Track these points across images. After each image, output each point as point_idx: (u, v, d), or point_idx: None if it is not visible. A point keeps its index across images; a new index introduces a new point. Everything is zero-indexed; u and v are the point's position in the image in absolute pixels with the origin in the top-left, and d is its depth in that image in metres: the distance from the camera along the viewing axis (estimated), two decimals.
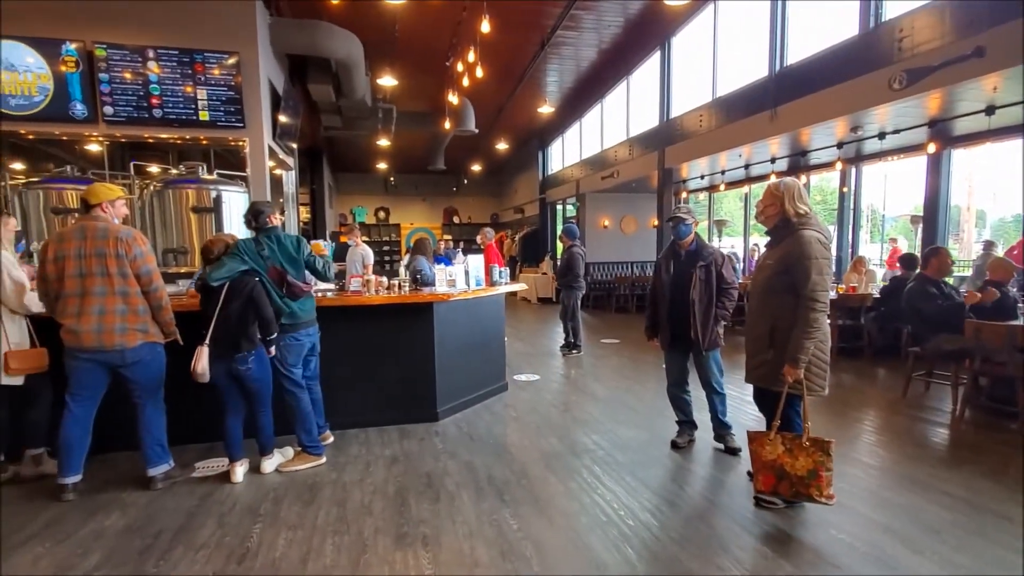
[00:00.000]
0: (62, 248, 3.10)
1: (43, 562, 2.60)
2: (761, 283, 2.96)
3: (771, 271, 2.87)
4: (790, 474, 2.79)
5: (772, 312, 2.86)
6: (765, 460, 2.86)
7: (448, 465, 3.72)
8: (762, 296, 2.94)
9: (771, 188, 2.94)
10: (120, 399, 3.33)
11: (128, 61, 5.79)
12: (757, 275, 3.05)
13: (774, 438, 2.83)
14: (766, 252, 3.04)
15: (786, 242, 2.83)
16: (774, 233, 2.95)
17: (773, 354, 2.85)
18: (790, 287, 2.78)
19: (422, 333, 4.48)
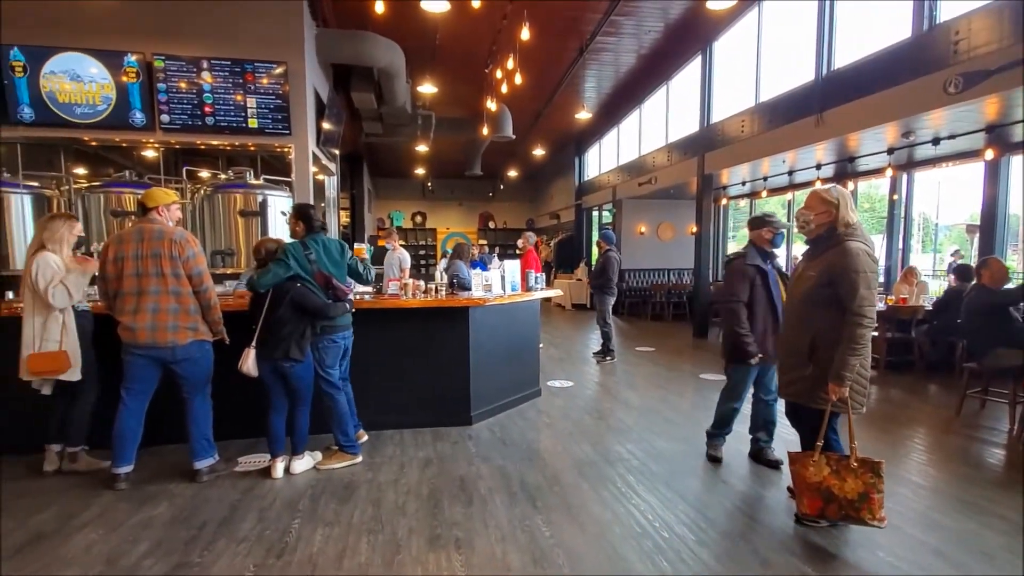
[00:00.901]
0: (121, 249, 3.27)
1: (96, 549, 2.73)
2: (801, 294, 2.80)
3: (813, 283, 2.72)
4: (839, 497, 2.65)
5: (813, 325, 2.72)
6: (810, 482, 2.71)
7: (481, 469, 3.73)
8: (801, 308, 2.80)
9: (821, 194, 2.74)
10: (168, 394, 3.48)
11: (184, 71, 6.08)
12: (796, 286, 2.89)
13: (818, 459, 2.70)
14: (804, 262, 2.87)
15: (830, 253, 2.69)
16: (817, 243, 2.81)
17: (813, 369, 2.71)
18: (833, 300, 2.65)
19: (458, 337, 4.52)
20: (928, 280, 8.15)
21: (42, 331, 3.39)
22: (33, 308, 3.40)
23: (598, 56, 9.76)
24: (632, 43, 9.37)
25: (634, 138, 13.03)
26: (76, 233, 3.58)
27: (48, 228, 3.46)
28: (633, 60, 10.16)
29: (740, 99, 8.82)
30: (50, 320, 3.41)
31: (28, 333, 3.39)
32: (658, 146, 11.68)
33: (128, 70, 5.96)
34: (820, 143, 7.15)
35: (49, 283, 3.34)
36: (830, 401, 2.68)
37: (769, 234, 3.59)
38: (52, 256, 3.41)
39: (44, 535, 2.86)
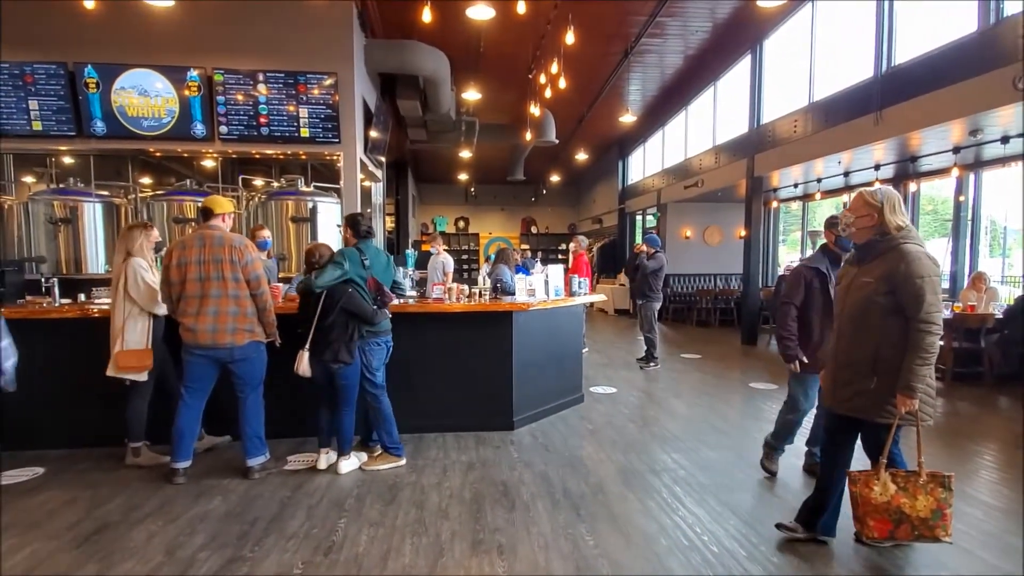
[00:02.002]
0: (184, 255, 3.43)
1: (155, 540, 2.86)
2: (856, 304, 2.59)
3: (871, 290, 2.53)
4: (910, 516, 2.48)
5: (873, 335, 2.53)
6: (876, 503, 2.52)
7: (523, 475, 3.72)
8: (858, 318, 2.57)
9: (864, 197, 2.58)
10: (222, 394, 3.63)
11: (241, 84, 6.36)
12: (847, 295, 2.65)
13: (883, 477, 2.52)
14: (855, 268, 2.65)
15: (887, 258, 2.51)
16: (866, 248, 2.62)
17: (877, 382, 2.53)
18: (895, 308, 2.48)
19: (501, 341, 4.53)
20: (997, 286, 7.63)
21: (131, 331, 3.64)
22: (123, 310, 3.64)
23: (643, 58, 9.64)
24: (678, 44, 9.20)
25: (680, 140, 12.78)
26: (153, 240, 3.82)
27: (128, 237, 3.73)
28: (679, 61, 9.98)
29: (792, 98, 8.52)
30: (138, 321, 3.66)
31: (117, 333, 3.63)
32: (705, 148, 11.42)
33: (190, 84, 6.28)
34: (879, 142, 6.82)
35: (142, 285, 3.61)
36: (898, 414, 2.51)
37: (831, 236, 3.45)
38: (140, 261, 3.68)
39: (110, 524, 3.02)
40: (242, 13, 6.39)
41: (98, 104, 6.23)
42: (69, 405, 4.13)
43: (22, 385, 4.14)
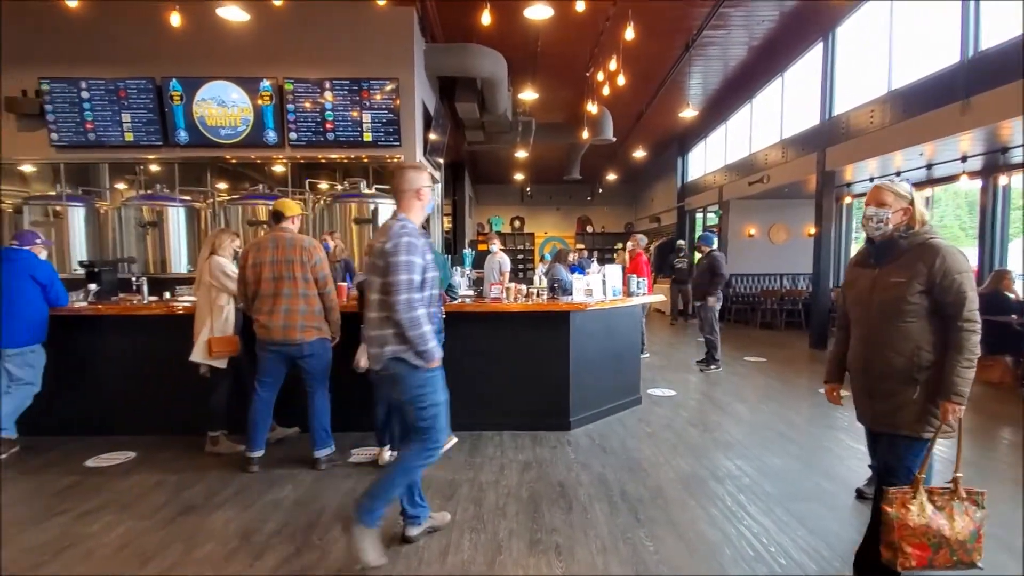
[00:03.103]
0: (259, 256, 3.63)
1: (232, 525, 3.04)
2: (886, 307, 2.30)
3: (901, 291, 2.25)
4: (949, 540, 2.19)
5: (910, 341, 2.25)
6: (914, 526, 2.21)
7: (581, 476, 3.69)
8: (890, 323, 2.29)
9: (891, 188, 2.34)
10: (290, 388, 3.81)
11: (309, 92, 6.66)
12: (872, 297, 2.34)
13: (920, 496, 2.22)
14: (872, 271, 2.37)
15: (916, 255, 2.25)
16: (887, 246, 2.34)
17: (920, 392, 2.25)
18: (932, 309, 2.23)
19: (558, 341, 4.52)
20: None
21: (216, 320, 3.92)
22: (208, 302, 3.94)
23: (704, 51, 9.34)
24: (742, 35, 8.86)
25: (744, 135, 12.30)
26: (235, 246, 4.15)
27: (218, 239, 4.07)
28: (743, 53, 9.60)
29: (868, 87, 8.01)
30: (223, 311, 3.95)
31: (206, 322, 3.92)
32: (771, 142, 10.93)
33: (263, 94, 6.63)
34: (966, 132, 6.30)
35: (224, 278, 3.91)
36: (942, 425, 2.24)
37: None
38: (222, 259, 3.98)
39: (193, 508, 3.24)
40: (310, 24, 6.68)
41: (181, 115, 6.68)
42: (157, 395, 4.46)
43: (118, 375, 4.54)
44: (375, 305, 2.53)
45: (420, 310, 2.46)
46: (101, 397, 4.50)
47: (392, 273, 2.44)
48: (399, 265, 2.43)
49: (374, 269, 2.53)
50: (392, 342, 2.49)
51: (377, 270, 2.51)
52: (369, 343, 2.58)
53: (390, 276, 2.44)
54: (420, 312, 2.46)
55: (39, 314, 4.06)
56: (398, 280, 2.42)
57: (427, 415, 2.57)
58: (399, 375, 2.52)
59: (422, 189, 2.66)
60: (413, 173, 2.64)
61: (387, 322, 2.48)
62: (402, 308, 2.42)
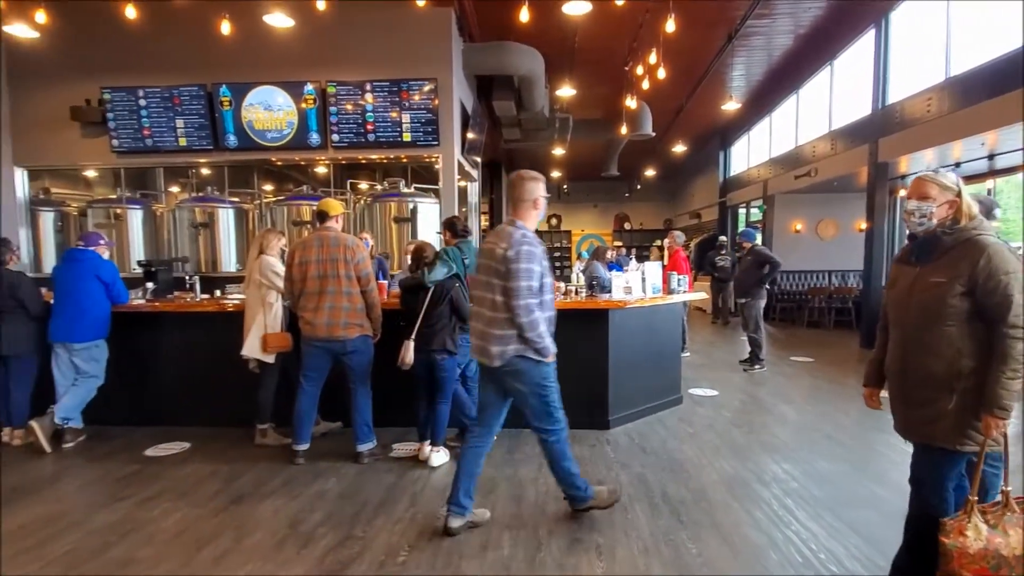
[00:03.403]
0: (305, 254, 3.74)
1: (280, 514, 3.15)
2: (925, 308, 2.13)
3: (942, 292, 2.07)
4: (1008, 558, 2.03)
5: (950, 345, 2.08)
6: (974, 552, 2.05)
7: (620, 475, 3.66)
8: (929, 326, 2.12)
9: (936, 180, 2.15)
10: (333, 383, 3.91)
11: (350, 95, 6.80)
12: (911, 298, 2.17)
13: (975, 519, 2.05)
14: (913, 268, 2.19)
15: (959, 253, 2.07)
16: (930, 243, 2.15)
17: (956, 402, 2.07)
18: (974, 312, 2.05)
19: (596, 339, 4.48)
20: None
21: (268, 317, 4.07)
22: (258, 299, 4.09)
23: (748, 41, 9.07)
24: (788, 23, 8.56)
25: (789, 127, 11.89)
26: (282, 245, 4.28)
27: (265, 239, 4.23)
28: (789, 42, 9.28)
29: (924, 75, 7.62)
30: (272, 308, 4.09)
31: (259, 319, 4.07)
32: (819, 134, 10.53)
33: (307, 97, 6.81)
34: None
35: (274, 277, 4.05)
36: (985, 439, 2.05)
37: None
38: (271, 258, 4.13)
39: (243, 497, 3.37)
40: (351, 27, 6.83)
41: (231, 120, 6.94)
42: (209, 388, 4.66)
43: (173, 369, 4.75)
44: (499, 306, 2.75)
45: (537, 313, 2.71)
46: (158, 390, 4.74)
47: (513, 279, 2.67)
48: (520, 272, 2.67)
49: (491, 272, 2.77)
50: (515, 341, 2.75)
51: (497, 274, 2.74)
52: (489, 340, 2.78)
53: (511, 281, 2.68)
54: (537, 315, 2.71)
55: (103, 311, 4.30)
56: (519, 286, 2.67)
57: (549, 400, 2.91)
58: (522, 370, 2.80)
59: (539, 199, 2.88)
60: (532, 184, 2.86)
61: (509, 323, 2.73)
62: (522, 312, 2.67)
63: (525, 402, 2.92)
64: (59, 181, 8.07)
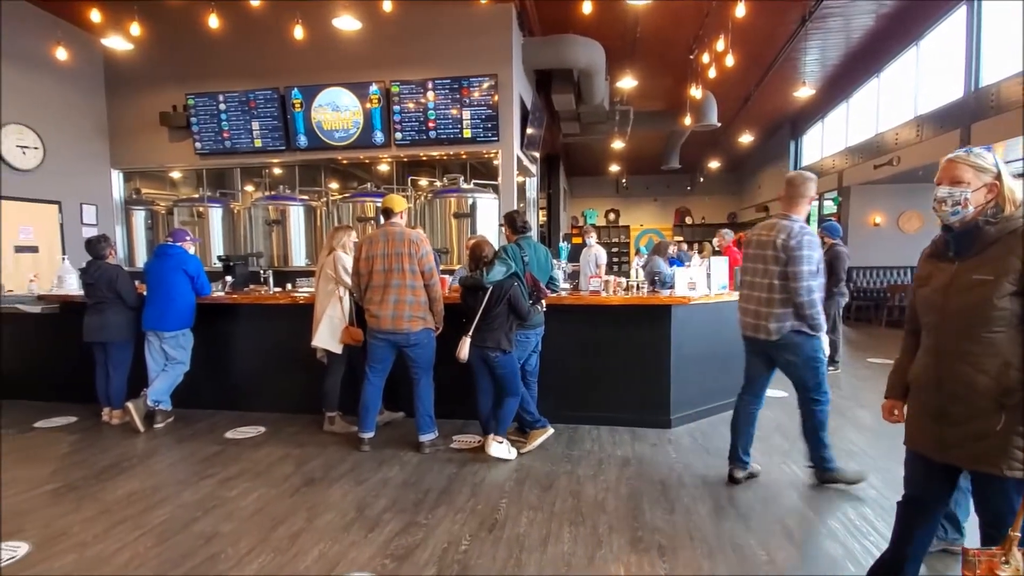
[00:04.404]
0: (371, 249, 3.87)
1: (349, 497, 3.28)
2: (967, 311, 1.85)
3: (988, 292, 1.79)
4: None
5: (999, 356, 1.79)
6: None
7: (683, 476, 3.57)
8: (971, 331, 1.84)
9: (969, 161, 1.87)
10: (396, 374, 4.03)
11: (413, 94, 6.96)
12: (948, 299, 1.89)
13: (1015, 554, 1.75)
14: (951, 265, 1.90)
15: (1008, 245, 1.79)
16: (970, 235, 1.86)
17: (1005, 420, 1.79)
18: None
19: (658, 336, 4.39)
20: None
21: (338, 310, 4.23)
22: (328, 293, 4.26)
23: (824, 23, 8.56)
24: (868, 3, 8.01)
25: (869, 113, 11.15)
26: (352, 240, 4.43)
27: (336, 236, 4.40)
28: (870, 22, 8.68)
29: None
30: (344, 301, 4.25)
31: (328, 312, 4.22)
32: (903, 120, 9.81)
33: (372, 97, 7.03)
34: None
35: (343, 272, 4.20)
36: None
37: None
38: (344, 254, 4.28)
39: (314, 480, 3.53)
40: (414, 27, 6.98)
41: (301, 121, 7.27)
42: (281, 376, 4.92)
43: (249, 357, 5.04)
44: (775, 288, 3.15)
45: (816, 293, 3.09)
46: (236, 376, 5.04)
47: (795, 264, 3.06)
48: (802, 258, 3.05)
49: (767, 260, 3.17)
50: (791, 318, 3.13)
51: (776, 260, 3.13)
52: (765, 318, 3.20)
53: (794, 266, 3.07)
54: (816, 295, 3.09)
55: (189, 302, 4.62)
56: (801, 270, 3.05)
57: (820, 371, 3.31)
58: (797, 343, 3.19)
59: (813, 197, 3.31)
60: (812, 184, 3.29)
61: (788, 302, 3.12)
62: (803, 292, 3.05)
63: (796, 373, 3.32)
64: (149, 182, 8.73)
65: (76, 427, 4.65)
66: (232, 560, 2.62)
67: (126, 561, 2.62)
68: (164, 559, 2.63)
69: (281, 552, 2.69)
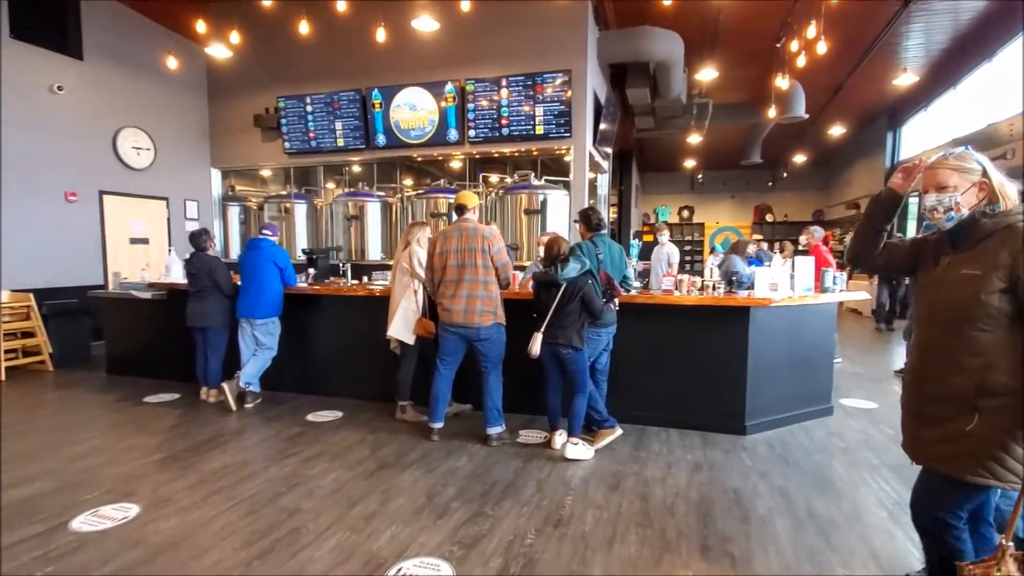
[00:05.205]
0: (446, 244, 3.98)
1: (419, 484, 3.40)
2: (952, 306, 1.79)
3: (975, 287, 1.72)
4: None
5: (980, 353, 1.72)
6: None
7: (758, 485, 3.41)
8: (955, 327, 1.78)
9: (951, 165, 1.82)
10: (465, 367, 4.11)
11: (487, 91, 7.06)
12: (936, 292, 1.86)
13: (1008, 566, 1.70)
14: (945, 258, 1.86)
15: (999, 241, 1.72)
16: (970, 224, 1.81)
17: (979, 422, 1.72)
18: (1016, 314, 1.69)
19: (734, 339, 4.21)
20: None
21: (412, 302, 4.38)
22: (403, 286, 4.42)
23: (928, 4, 7.84)
24: None
25: (980, 102, 10.10)
26: (427, 236, 4.55)
27: (412, 231, 4.54)
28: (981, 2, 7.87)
29: None
30: (419, 294, 4.40)
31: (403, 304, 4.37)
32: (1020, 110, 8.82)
33: (447, 96, 7.20)
34: None
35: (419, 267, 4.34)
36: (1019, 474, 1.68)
37: None
38: (419, 249, 4.42)
39: (387, 465, 3.69)
40: (490, 24, 7.07)
41: (380, 121, 7.56)
42: (357, 364, 5.16)
43: (328, 345, 5.32)
44: None
45: None
46: (317, 363, 5.35)
47: None
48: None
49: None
50: None
51: None
52: None
53: None
54: None
55: (277, 292, 4.94)
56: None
57: None
58: None
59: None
60: None
61: None
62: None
63: None
64: (242, 180, 9.42)
65: (179, 403, 5.10)
66: (312, 535, 2.79)
67: (220, 528, 2.86)
68: (253, 529, 2.84)
69: (356, 531, 2.83)
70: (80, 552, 2.64)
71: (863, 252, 2.11)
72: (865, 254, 2.10)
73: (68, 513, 3.00)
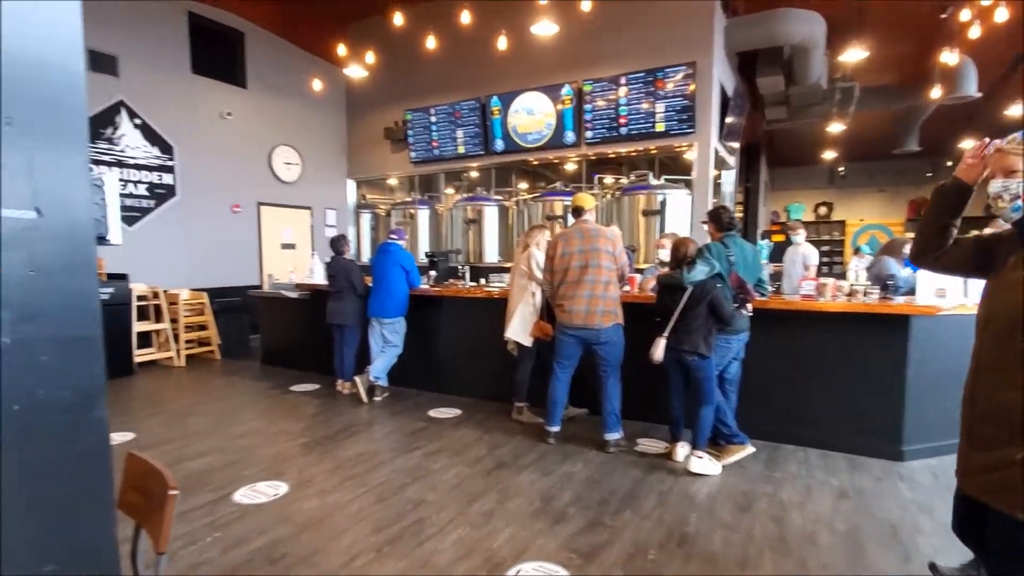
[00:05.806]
0: (567, 246, 3.95)
1: (535, 486, 3.39)
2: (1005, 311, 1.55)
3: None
4: None
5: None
6: None
7: (920, 520, 2.97)
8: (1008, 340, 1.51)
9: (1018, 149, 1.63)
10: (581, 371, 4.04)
11: (604, 91, 6.94)
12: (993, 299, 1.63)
13: None
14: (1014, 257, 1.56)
15: None
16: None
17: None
18: None
19: (891, 351, 3.71)
20: None
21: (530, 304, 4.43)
22: (521, 288, 4.48)
23: None
24: None
25: None
26: (546, 238, 4.57)
27: (532, 234, 4.62)
28: None
29: None
30: (536, 296, 4.45)
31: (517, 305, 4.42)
32: None
33: (564, 98, 7.19)
34: None
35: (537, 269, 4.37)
36: None
37: None
38: (538, 251, 4.47)
39: (504, 464, 3.74)
40: (607, 22, 6.94)
41: (499, 126, 7.75)
42: (475, 364, 5.31)
43: (449, 344, 5.54)
44: None
45: None
46: (438, 361, 5.59)
47: None
48: None
49: None
50: None
51: None
52: None
53: None
54: None
55: (404, 293, 5.25)
56: None
57: None
58: None
59: None
60: None
61: None
62: None
63: None
64: (371, 188, 10.16)
65: (319, 393, 5.60)
66: (435, 527, 2.90)
67: (355, 512, 3.08)
68: (381, 516, 3.02)
69: (476, 528, 2.89)
70: (241, 522, 2.98)
71: (927, 250, 1.87)
72: (929, 253, 1.86)
73: (231, 486, 3.40)
